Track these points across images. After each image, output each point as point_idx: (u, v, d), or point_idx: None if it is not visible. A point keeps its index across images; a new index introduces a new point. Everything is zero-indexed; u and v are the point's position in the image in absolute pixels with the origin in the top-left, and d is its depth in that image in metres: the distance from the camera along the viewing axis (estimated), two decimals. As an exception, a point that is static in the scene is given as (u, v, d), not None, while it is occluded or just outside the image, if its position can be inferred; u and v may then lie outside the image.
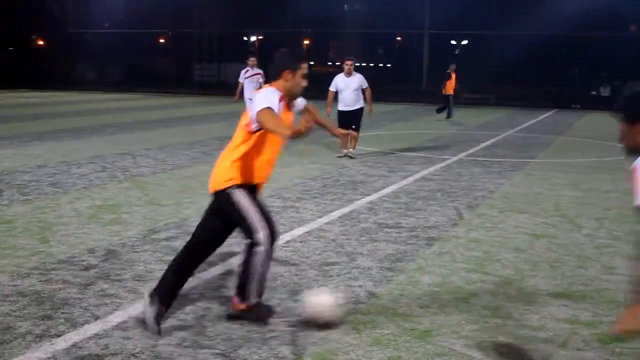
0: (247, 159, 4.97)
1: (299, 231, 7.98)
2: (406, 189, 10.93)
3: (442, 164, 13.76)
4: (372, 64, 46.34)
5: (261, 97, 4.79)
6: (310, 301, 5.18)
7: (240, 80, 17.53)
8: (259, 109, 4.67)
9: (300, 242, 7.54)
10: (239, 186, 4.99)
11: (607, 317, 5.50)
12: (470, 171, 12.87)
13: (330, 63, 48.62)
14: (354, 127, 14.18)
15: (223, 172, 5.01)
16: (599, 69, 37.81)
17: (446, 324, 5.26)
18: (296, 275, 6.31)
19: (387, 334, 5.03)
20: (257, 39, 49.58)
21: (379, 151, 15.22)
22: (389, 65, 49.78)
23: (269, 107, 4.68)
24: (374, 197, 10.16)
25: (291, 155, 14.46)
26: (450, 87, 25.73)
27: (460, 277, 6.45)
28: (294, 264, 6.67)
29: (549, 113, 31.39)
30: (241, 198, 4.97)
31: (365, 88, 14.40)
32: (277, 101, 4.86)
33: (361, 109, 14.35)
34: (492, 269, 6.71)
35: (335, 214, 8.93)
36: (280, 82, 5.01)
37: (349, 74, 14.32)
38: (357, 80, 14.31)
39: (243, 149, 4.95)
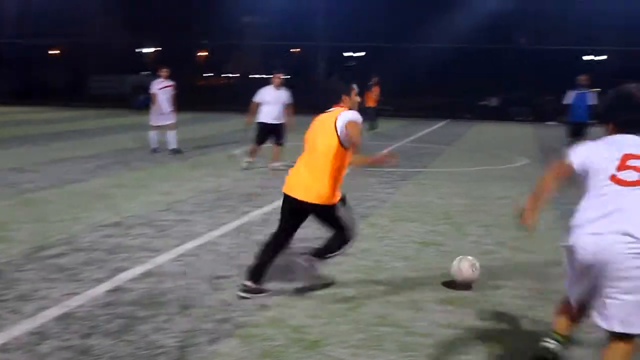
0: (340, 175, 6.09)
1: (191, 245, 7.92)
2: (300, 200, 10.99)
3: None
4: (270, 76, 46.33)
5: (358, 121, 6.01)
6: (462, 269, 6.57)
7: (153, 91, 17.14)
8: (358, 129, 5.95)
9: (192, 255, 7.49)
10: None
11: (490, 321, 5.70)
12: (363, 181, 13.06)
13: (226, 75, 48.58)
14: (281, 141, 14.33)
15: (325, 185, 6.00)
16: (489, 80, 39.07)
17: (335, 333, 5.33)
18: (186, 289, 6.27)
19: (277, 346, 5.06)
20: (154, 51, 49.04)
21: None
22: (288, 77, 49.95)
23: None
24: (268, 208, 10.18)
25: (187, 168, 14.35)
26: (370, 99, 26.01)
27: (351, 287, 6.54)
28: (185, 278, 6.63)
29: (442, 123, 32.23)
30: (341, 210, 6.20)
31: (290, 103, 14.47)
32: None
33: (284, 123, 14.46)
34: (381, 278, 6.84)
35: (229, 227, 8.92)
36: (343, 104, 6.19)
37: (278, 87, 14.34)
38: (285, 94, 14.38)
39: (339, 160, 6.01)
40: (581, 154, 4.24)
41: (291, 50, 46.50)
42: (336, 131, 5.95)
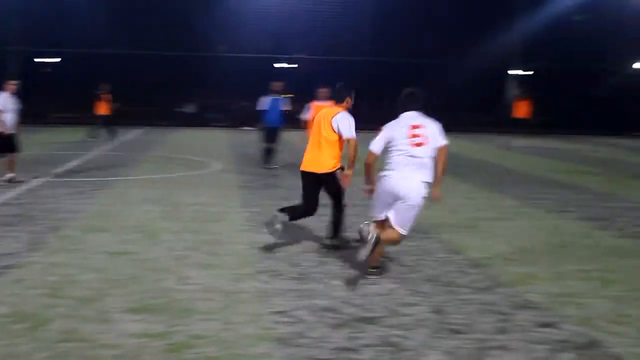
0: (338, 151, 8.40)
1: None
2: (-17, 215, 10.32)
3: (25, 187, 13.20)
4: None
5: (351, 123, 8.28)
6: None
7: None
8: (354, 136, 8.24)
9: None
10: (338, 169, 8.44)
11: (179, 327, 5.75)
12: (54, 193, 12.55)
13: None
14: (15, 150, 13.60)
15: (330, 160, 8.36)
16: (185, 87, 39.33)
17: (15, 355, 5.07)
18: None
19: (-52, 375, 4.71)
20: None
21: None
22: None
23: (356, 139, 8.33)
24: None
25: None
26: (102, 107, 25.79)
27: (34, 304, 6.25)
28: None
29: (138, 131, 31.87)
30: (339, 177, 8.41)
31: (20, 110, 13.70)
32: None
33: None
34: (69, 292, 6.61)
35: None
36: (344, 104, 8.48)
37: (13, 94, 13.32)
38: (18, 101, 13.62)
39: (337, 144, 8.34)
40: (379, 142, 7.26)
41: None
42: (332, 127, 8.27)
